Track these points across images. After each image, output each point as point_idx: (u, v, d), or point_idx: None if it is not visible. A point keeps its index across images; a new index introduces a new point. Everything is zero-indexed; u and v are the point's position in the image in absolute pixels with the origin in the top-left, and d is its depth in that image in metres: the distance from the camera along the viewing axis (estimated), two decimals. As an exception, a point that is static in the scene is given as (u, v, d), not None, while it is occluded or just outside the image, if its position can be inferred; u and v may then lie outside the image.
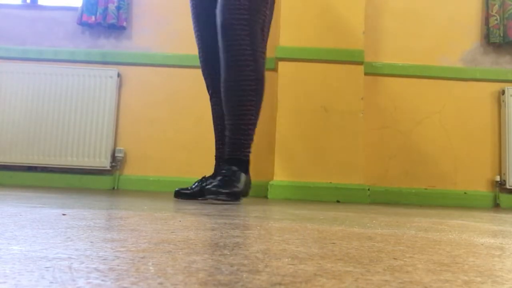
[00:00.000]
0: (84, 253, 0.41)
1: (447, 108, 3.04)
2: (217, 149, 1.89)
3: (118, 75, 3.08)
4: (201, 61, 1.92)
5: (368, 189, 2.68)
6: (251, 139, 1.71)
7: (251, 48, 1.66)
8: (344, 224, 0.87)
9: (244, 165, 1.68)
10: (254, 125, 1.72)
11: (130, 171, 3.05)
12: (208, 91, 1.92)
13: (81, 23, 3.09)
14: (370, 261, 0.43)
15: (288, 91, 2.75)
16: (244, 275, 0.33)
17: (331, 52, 2.78)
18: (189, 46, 3.13)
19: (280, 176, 2.67)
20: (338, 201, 2.58)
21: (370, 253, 0.48)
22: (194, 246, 0.48)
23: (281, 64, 2.78)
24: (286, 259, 0.42)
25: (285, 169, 2.69)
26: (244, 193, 1.63)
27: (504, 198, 2.94)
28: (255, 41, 1.67)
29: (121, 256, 0.40)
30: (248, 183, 1.67)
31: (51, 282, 0.29)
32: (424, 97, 3.05)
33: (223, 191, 1.51)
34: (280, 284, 0.31)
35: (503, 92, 3.00)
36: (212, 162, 3.03)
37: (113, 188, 3.00)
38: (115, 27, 3.11)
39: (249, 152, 1.70)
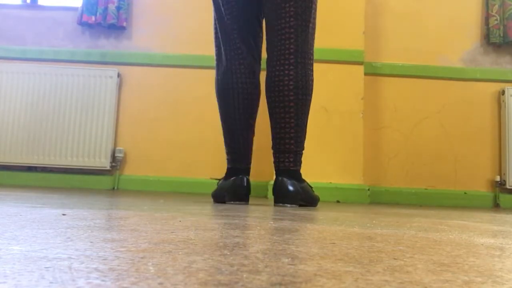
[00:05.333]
0: (84, 253, 0.41)
1: (447, 108, 3.04)
2: (245, 154, 1.69)
3: (118, 75, 3.08)
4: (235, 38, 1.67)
5: (368, 189, 2.68)
6: None
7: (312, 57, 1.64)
8: (344, 224, 0.87)
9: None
10: None
11: (130, 171, 3.05)
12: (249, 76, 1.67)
13: (81, 23, 3.10)
14: (370, 261, 0.43)
15: (288, 91, 2.74)
16: (244, 275, 0.33)
17: (331, 52, 2.78)
18: (189, 46, 3.13)
19: (280, 176, 2.67)
20: (338, 201, 2.58)
21: (370, 253, 0.48)
22: (194, 246, 0.48)
23: (281, 64, 2.78)
24: (286, 259, 0.42)
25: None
26: None
27: (504, 198, 2.94)
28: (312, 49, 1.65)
29: (121, 256, 0.40)
30: None
31: (51, 282, 0.29)
32: (424, 97, 3.05)
33: (316, 197, 1.65)
34: (280, 284, 0.31)
35: (503, 92, 3.00)
36: (213, 161, 3.03)
37: (113, 188, 3.00)
38: (115, 27, 3.11)
39: None
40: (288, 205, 1.53)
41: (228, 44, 1.68)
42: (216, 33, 1.74)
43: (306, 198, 1.60)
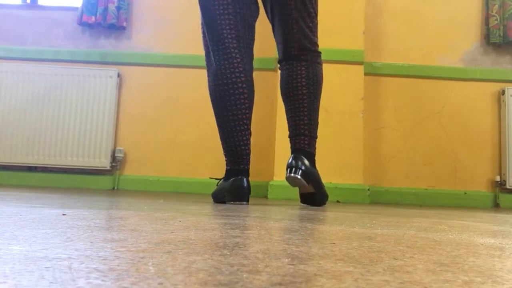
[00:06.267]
0: (84, 253, 0.41)
1: (447, 108, 3.04)
2: (244, 153, 1.63)
3: (118, 75, 3.08)
4: (232, 42, 1.63)
5: (368, 189, 2.68)
6: None
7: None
8: (344, 224, 0.87)
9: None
10: None
11: (130, 171, 3.05)
12: (241, 78, 1.62)
13: (81, 23, 3.09)
14: (370, 261, 0.43)
15: (288, 91, 2.74)
16: (244, 275, 0.33)
17: (331, 52, 2.78)
18: (189, 46, 3.12)
19: (280, 176, 2.67)
20: (338, 201, 2.58)
21: (370, 253, 0.48)
22: (194, 246, 0.48)
23: (281, 64, 2.78)
24: (286, 259, 0.42)
25: (285, 169, 2.69)
26: None
27: (504, 198, 2.94)
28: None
29: (121, 256, 0.40)
30: None
31: (51, 282, 0.29)
32: (424, 97, 3.04)
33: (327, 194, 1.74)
34: (280, 284, 0.31)
35: (503, 92, 3.00)
36: (213, 161, 3.03)
37: (113, 188, 3.00)
38: (115, 27, 3.11)
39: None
40: (299, 177, 1.59)
41: (217, 46, 1.64)
42: (203, 32, 1.70)
43: (316, 184, 1.65)
